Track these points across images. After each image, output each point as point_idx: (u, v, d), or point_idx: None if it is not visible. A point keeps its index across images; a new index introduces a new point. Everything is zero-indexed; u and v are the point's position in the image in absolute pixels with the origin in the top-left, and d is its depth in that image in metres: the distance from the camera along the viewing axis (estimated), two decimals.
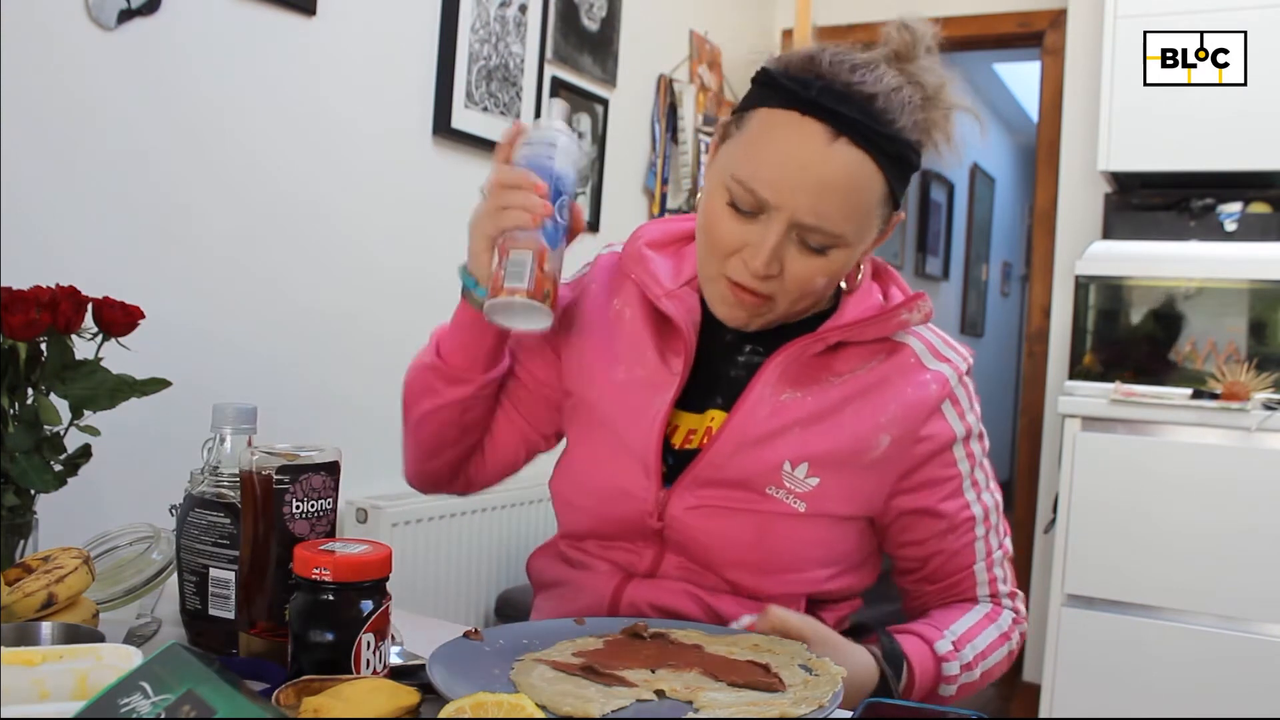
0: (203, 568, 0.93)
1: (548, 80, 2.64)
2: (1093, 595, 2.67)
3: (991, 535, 1.11)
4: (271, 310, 1.97)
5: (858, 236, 0.97)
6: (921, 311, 1.07)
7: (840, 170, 0.93)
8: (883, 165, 0.94)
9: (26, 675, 0.69)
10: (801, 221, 0.94)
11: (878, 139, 0.93)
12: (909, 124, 0.95)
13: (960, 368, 1.08)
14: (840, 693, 0.80)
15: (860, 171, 0.94)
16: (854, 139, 0.93)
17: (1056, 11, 3.44)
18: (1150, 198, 3.04)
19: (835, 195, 0.93)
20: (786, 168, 0.93)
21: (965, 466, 1.08)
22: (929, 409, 1.04)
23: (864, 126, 0.92)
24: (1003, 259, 7.19)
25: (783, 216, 0.94)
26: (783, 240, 0.95)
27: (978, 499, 1.09)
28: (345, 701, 0.69)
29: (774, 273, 0.96)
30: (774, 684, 0.81)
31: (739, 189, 0.95)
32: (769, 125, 0.96)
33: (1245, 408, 2.50)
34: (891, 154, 0.94)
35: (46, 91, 1.58)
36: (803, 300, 1.01)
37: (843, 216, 0.94)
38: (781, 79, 0.96)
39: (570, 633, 0.95)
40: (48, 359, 1.04)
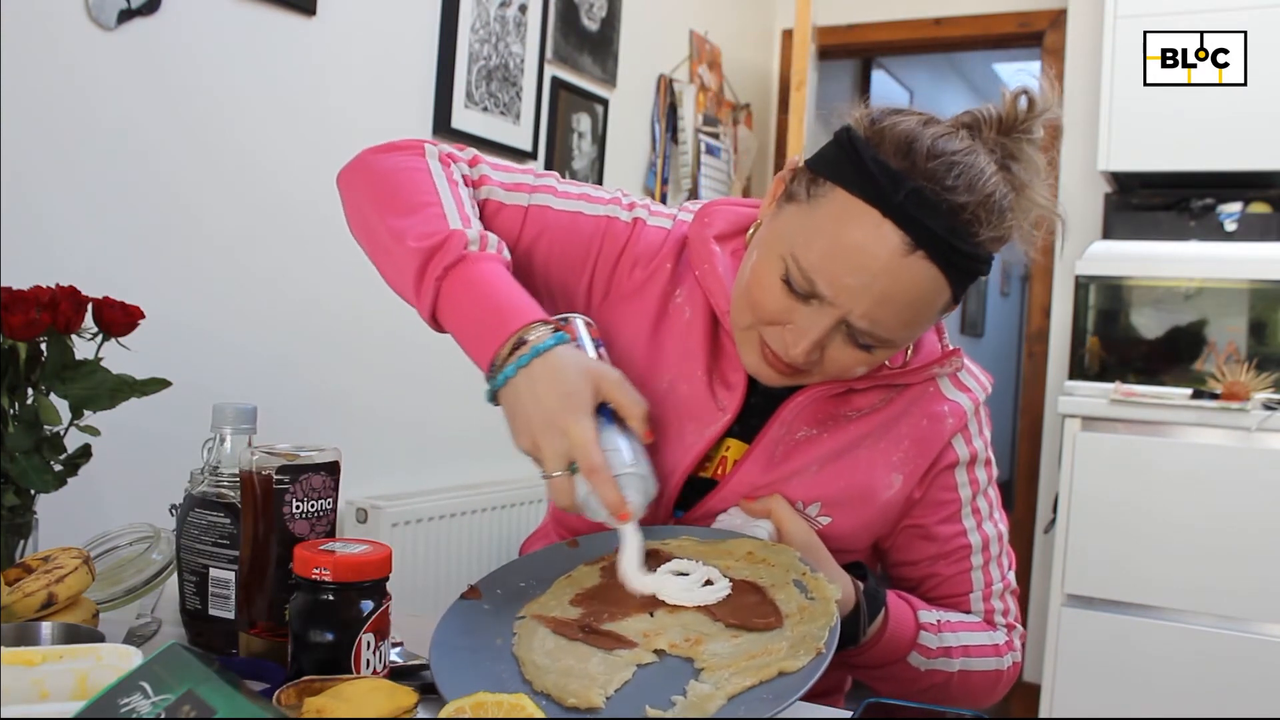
0: (203, 568, 0.93)
1: (548, 80, 2.64)
2: (1093, 595, 2.67)
3: (992, 566, 1.08)
4: (271, 310, 1.97)
5: (909, 340, 0.95)
6: (952, 367, 1.05)
7: (909, 285, 0.86)
8: (953, 280, 0.88)
9: (26, 675, 0.69)
10: (854, 324, 0.88)
11: (956, 256, 0.87)
12: (992, 236, 0.89)
13: (978, 398, 1.06)
14: (837, 627, 0.79)
15: (930, 286, 0.87)
16: (932, 254, 0.86)
17: (1056, 11, 3.44)
18: (1150, 198, 3.04)
19: (898, 307, 0.88)
20: (853, 270, 0.86)
21: (966, 493, 1.05)
22: (941, 443, 1.03)
23: (944, 245, 0.86)
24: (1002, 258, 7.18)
25: (836, 313, 0.88)
26: (829, 334, 0.90)
27: (977, 527, 1.06)
28: (345, 702, 0.69)
29: (813, 359, 0.92)
30: (770, 620, 0.81)
31: (796, 271, 0.88)
32: (843, 214, 0.87)
33: (1245, 408, 2.50)
34: (965, 269, 0.88)
35: (46, 91, 1.57)
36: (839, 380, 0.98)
37: (900, 326, 0.89)
38: (870, 164, 0.87)
39: (565, 560, 0.94)
40: (48, 359, 1.04)
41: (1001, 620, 1.09)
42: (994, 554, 1.08)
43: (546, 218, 1.04)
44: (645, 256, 1.05)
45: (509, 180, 1.05)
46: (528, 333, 0.87)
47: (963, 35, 3.59)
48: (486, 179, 1.05)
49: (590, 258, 1.04)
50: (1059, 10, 3.42)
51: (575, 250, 1.04)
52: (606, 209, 1.06)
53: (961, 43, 3.70)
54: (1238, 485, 2.52)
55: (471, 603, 0.89)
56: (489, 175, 1.05)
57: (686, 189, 3.22)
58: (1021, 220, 0.93)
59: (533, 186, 1.05)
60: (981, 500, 1.07)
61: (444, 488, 2.32)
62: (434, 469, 2.36)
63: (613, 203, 1.07)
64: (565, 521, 1.16)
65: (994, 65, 5.82)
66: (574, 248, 1.04)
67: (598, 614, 0.85)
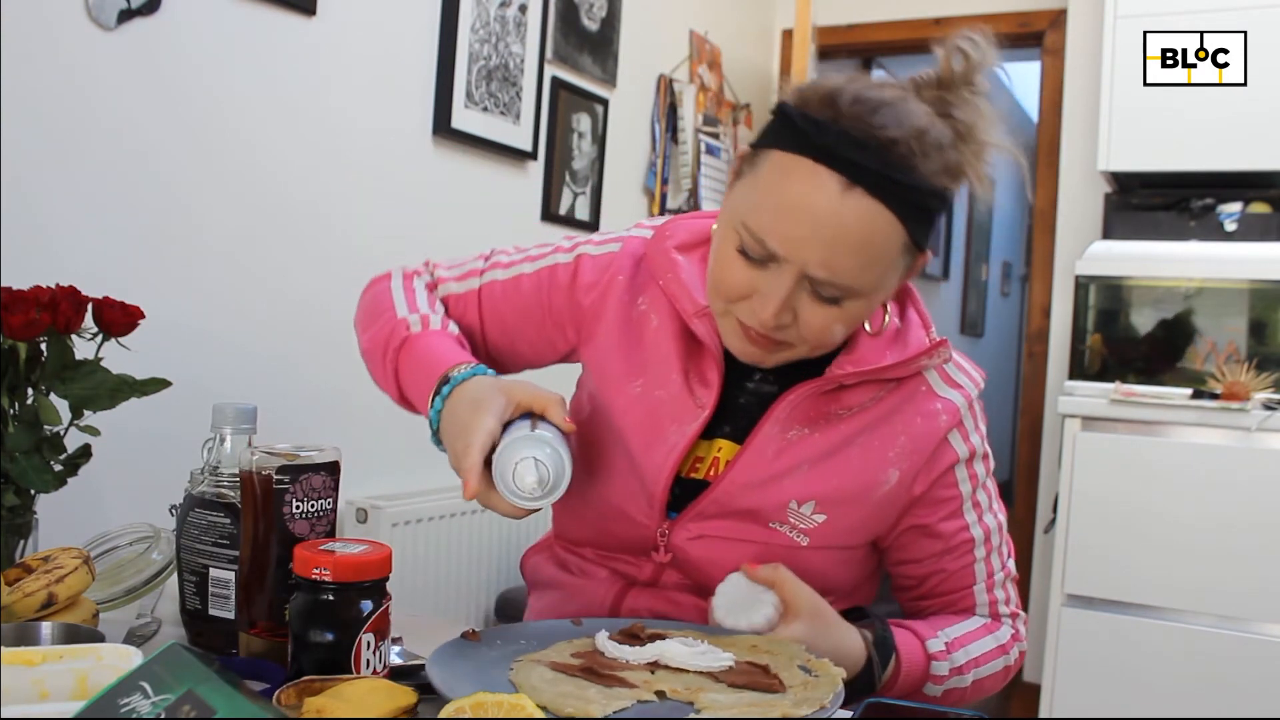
0: (203, 568, 0.93)
1: (548, 80, 2.64)
2: (1092, 595, 2.67)
3: (994, 557, 1.08)
4: (271, 310, 1.97)
5: (875, 286, 0.93)
6: (940, 358, 1.05)
7: (854, 224, 0.87)
8: (902, 215, 0.88)
9: (26, 675, 0.69)
10: (812, 275, 0.89)
11: (897, 189, 0.87)
12: (934, 169, 0.90)
13: (971, 394, 1.06)
14: (841, 694, 0.80)
15: (876, 224, 0.88)
16: (870, 189, 0.87)
17: (1056, 11, 3.44)
18: (1150, 198, 3.04)
19: (849, 249, 0.88)
20: (797, 220, 0.88)
21: (966, 488, 1.06)
22: (937, 439, 1.03)
23: (882, 176, 0.87)
24: (1003, 259, 7.18)
25: (793, 269, 0.89)
26: (793, 291, 0.91)
27: (978, 521, 1.07)
28: (345, 702, 0.69)
29: (785, 323, 0.93)
30: (774, 685, 0.81)
31: (748, 237, 0.91)
32: (781, 172, 0.90)
33: (1245, 408, 2.50)
34: (912, 202, 0.88)
35: (46, 91, 1.57)
36: (822, 348, 0.97)
37: (857, 270, 0.89)
38: (797, 120, 0.90)
39: (568, 634, 0.95)
40: (48, 359, 1.04)
41: (1005, 610, 1.10)
42: (995, 545, 1.08)
43: (495, 291, 1.12)
44: (595, 279, 1.09)
45: (460, 272, 1.15)
46: (450, 372, 0.96)
47: None
48: (442, 279, 1.15)
49: (543, 308, 1.10)
50: (1059, 10, 3.42)
51: (528, 308, 1.11)
52: (547, 259, 1.12)
53: None
54: (1238, 485, 2.52)
55: (471, 643, 0.89)
56: (443, 275, 1.15)
57: (686, 189, 3.22)
58: (973, 160, 0.94)
59: (481, 270, 1.14)
60: (981, 493, 1.07)
61: (444, 488, 2.32)
62: (434, 469, 2.36)
63: (554, 252, 1.12)
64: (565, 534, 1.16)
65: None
66: (526, 307, 1.11)
67: (599, 664, 0.85)
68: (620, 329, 1.07)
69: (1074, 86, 3.33)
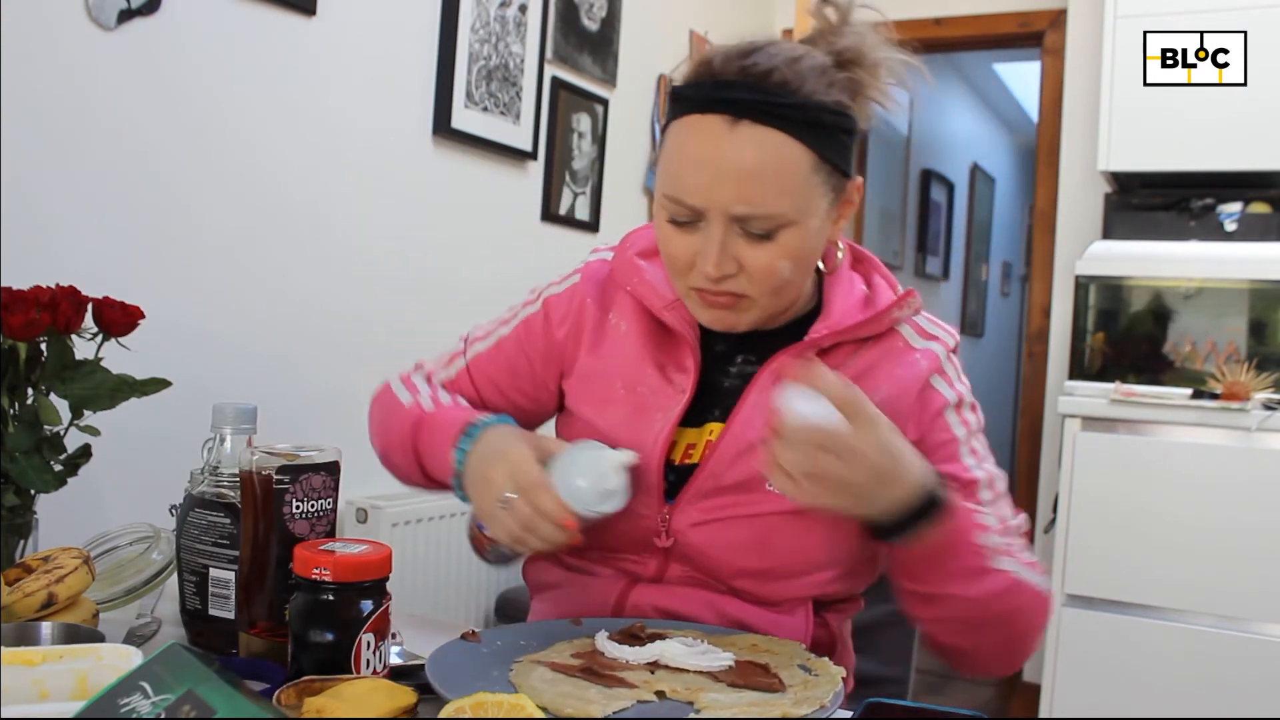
0: (203, 568, 0.93)
1: (548, 80, 2.64)
2: (1093, 595, 2.67)
3: (1001, 505, 1.05)
4: (271, 310, 1.97)
5: (801, 211, 0.95)
6: (912, 308, 1.07)
7: (750, 152, 0.92)
8: (797, 134, 0.93)
9: (26, 675, 0.69)
10: (734, 213, 0.93)
11: (781, 110, 0.92)
12: (819, 87, 0.94)
13: (948, 344, 1.07)
14: (841, 694, 0.80)
15: (772, 147, 0.92)
16: (756, 118, 0.92)
17: (1056, 11, 3.44)
18: (1150, 198, 3.04)
19: (755, 178, 0.92)
20: (700, 168, 0.94)
21: (961, 432, 1.05)
22: (920, 383, 1.04)
23: (762, 104, 0.92)
24: (1003, 259, 7.18)
25: (715, 215, 0.94)
26: (725, 237, 0.94)
27: (978, 465, 1.05)
28: (345, 702, 0.69)
29: (730, 271, 0.96)
30: (774, 684, 0.81)
31: (671, 204, 0.96)
32: (678, 135, 0.96)
33: (1245, 408, 2.50)
34: (803, 121, 0.93)
35: (46, 91, 1.58)
36: (779, 292, 0.99)
37: (773, 196, 0.93)
38: (681, 90, 0.97)
39: (568, 634, 0.95)
40: (48, 359, 1.04)
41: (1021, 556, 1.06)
42: (1000, 491, 1.06)
43: (482, 362, 1.17)
44: (564, 312, 1.13)
45: (445, 358, 1.20)
46: (474, 419, 1.02)
47: (963, 35, 3.59)
48: (433, 372, 1.19)
49: (528, 359, 1.14)
50: (1059, 10, 3.42)
51: (515, 365, 1.15)
52: (520, 316, 1.17)
53: (962, 43, 3.69)
54: (1238, 485, 2.52)
55: (471, 643, 0.89)
56: (432, 369, 1.20)
57: None
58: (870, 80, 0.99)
59: (463, 350, 1.19)
60: (975, 441, 1.06)
61: None
62: None
63: (523, 307, 1.18)
64: None
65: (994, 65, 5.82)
66: (513, 365, 1.15)
67: (599, 665, 0.85)
68: (595, 346, 1.11)
69: (1074, 86, 3.32)
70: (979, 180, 6.43)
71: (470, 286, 2.45)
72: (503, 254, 2.56)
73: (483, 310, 2.55)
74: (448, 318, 2.40)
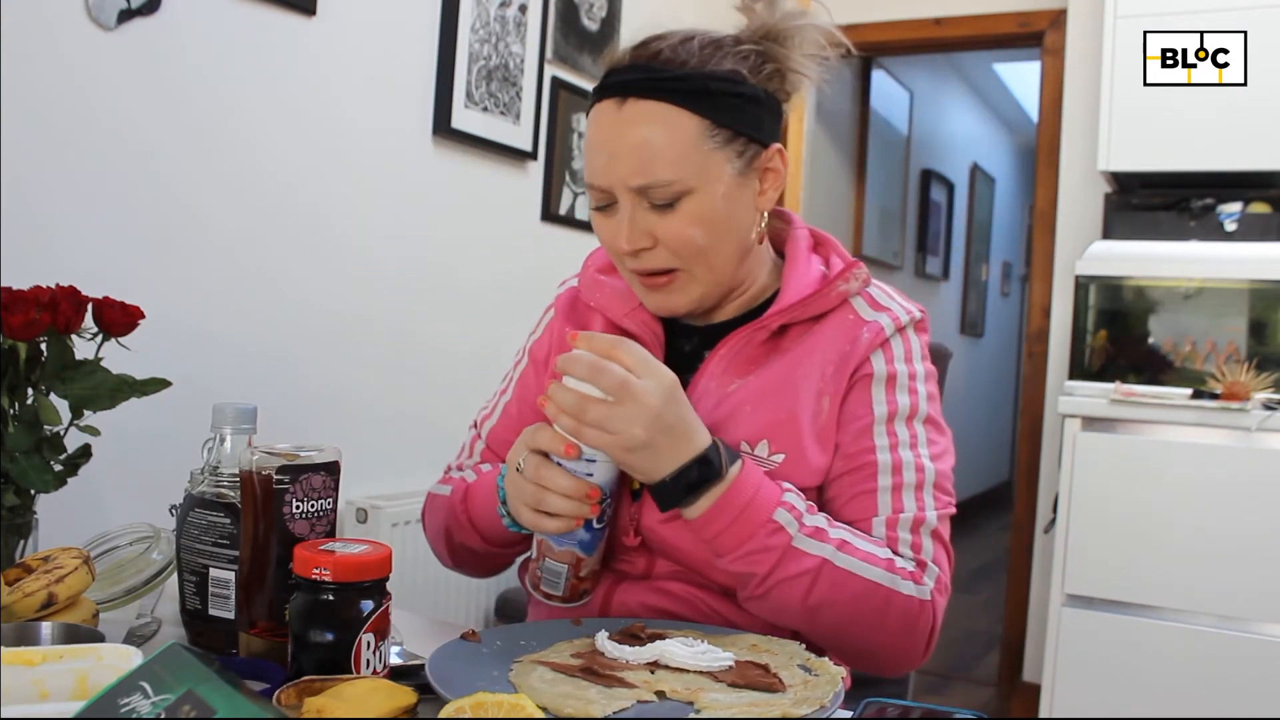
0: (203, 568, 0.93)
1: (548, 80, 2.64)
2: (1093, 595, 2.67)
3: (905, 494, 1.00)
4: (271, 310, 1.97)
5: (700, 177, 0.97)
6: (859, 279, 1.07)
7: (637, 126, 0.96)
8: (683, 103, 0.96)
9: (26, 675, 0.69)
10: (633, 185, 0.97)
11: (663, 83, 0.96)
12: (708, 59, 0.98)
13: (900, 319, 1.06)
14: (841, 694, 0.80)
15: (656, 119, 0.96)
16: (640, 94, 0.97)
17: (1056, 11, 3.44)
18: (1150, 198, 3.04)
19: (643, 149, 0.96)
20: (599, 150, 0.99)
21: (881, 410, 1.03)
22: (857, 354, 1.04)
23: (645, 81, 0.97)
24: (1003, 259, 7.19)
25: (619, 192, 0.98)
26: (634, 212, 0.98)
27: (890, 448, 1.01)
28: (345, 702, 0.69)
29: (646, 244, 0.99)
30: (774, 684, 0.81)
31: (590, 191, 1.01)
32: (587, 126, 1.02)
33: (1245, 408, 2.50)
34: (688, 90, 0.96)
35: (46, 91, 1.57)
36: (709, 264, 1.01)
37: (666, 165, 0.96)
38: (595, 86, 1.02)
39: (568, 634, 0.95)
40: (48, 359, 1.04)
41: (908, 552, 0.99)
42: (908, 481, 1.01)
43: (496, 433, 1.19)
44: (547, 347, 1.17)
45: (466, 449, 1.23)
46: None
47: (963, 35, 3.59)
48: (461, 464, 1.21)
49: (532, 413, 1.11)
50: (1059, 10, 3.42)
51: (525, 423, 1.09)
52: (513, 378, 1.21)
53: (962, 43, 3.70)
54: (1238, 485, 2.52)
55: (470, 644, 0.89)
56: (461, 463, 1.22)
57: None
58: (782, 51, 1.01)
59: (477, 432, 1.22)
60: (901, 427, 1.03)
61: None
62: (434, 469, 2.36)
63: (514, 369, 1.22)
64: None
65: (994, 65, 5.83)
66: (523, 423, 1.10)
67: (599, 665, 0.85)
68: None
69: (1074, 86, 3.32)
70: (979, 180, 6.44)
71: (470, 286, 2.45)
72: (503, 254, 2.56)
73: (482, 310, 2.56)
74: (448, 318, 2.41)
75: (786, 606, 0.96)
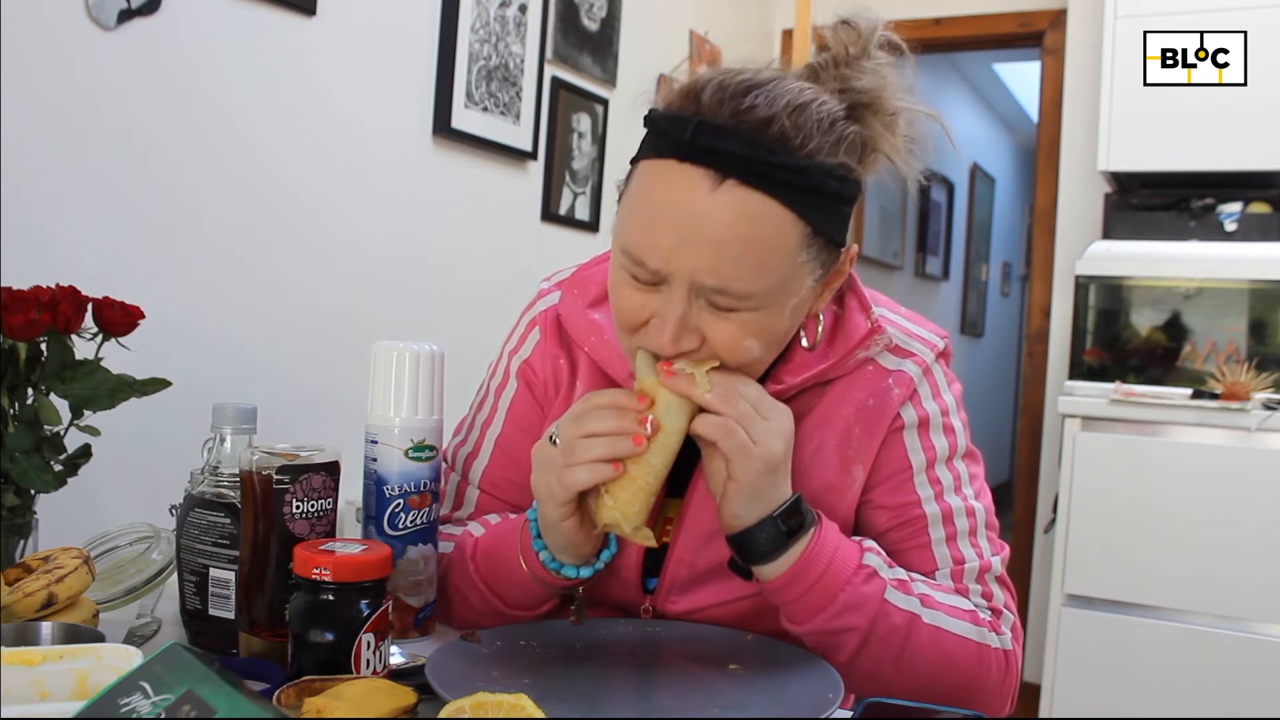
0: (203, 568, 0.92)
1: (548, 80, 2.64)
2: (1092, 595, 2.67)
3: (962, 542, 0.94)
4: (272, 310, 1.97)
5: (779, 290, 0.81)
6: (879, 345, 0.94)
7: (733, 220, 0.77)
8: (789, 202, 0.78)
9: (26, 675, 0.69)
10: (705, 284, 0.79)
11: (776, 172, 0.77)
12: (824, 145, 0.80)
13: (926, 359, 0.96)
14: (840, 693, 0.79)
15: (758, 217, 0.78)
16: (744, 179, 0.77)
17: (1056, 11, 3.44)
18: (1150, 198, 3.04)
19: (734, 250, 0.78)
20: (669, 228, 0.79)
21: (918, 459, 0.94)
22: (890, 413, 0.94)
23: (754, 162, 0.77)
24: (1003, 259, 7.19)
25: (681, 283, 0.80)
26: (688, 309, 0.81)
27: (935, 497, 0.94)
28: (344, 702, 0.69)
29: (690, 346, 0.82)
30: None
31: (629, 262, 0.82)
32: (648, 181, 0.82)
33: (1245, 408, 2.50)
34: (801, 187, 0.78)
35: (46, 91, 1.57)
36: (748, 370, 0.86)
37: (751, 274, 0.79)
38: (660, 122, 0.82)
39: (568, 633, 0.95)
40: (48, 359, 1.04)
41: (981, 602, 0.93)
42: (961, 529, 0.94)
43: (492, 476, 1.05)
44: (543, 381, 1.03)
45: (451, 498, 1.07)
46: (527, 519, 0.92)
47: (963, 35, 3.59)
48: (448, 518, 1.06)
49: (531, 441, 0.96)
50: (1059, 10, 3.42)
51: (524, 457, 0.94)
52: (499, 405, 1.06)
53: (962, 43, 3.69)
54: (1237, 485, 2.52)
55: (470, 644, 0.89)
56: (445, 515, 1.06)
57: None
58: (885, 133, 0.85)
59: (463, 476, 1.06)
60: (943, 471, 0.95)
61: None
62: None
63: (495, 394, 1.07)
64: None
65: (994, 65, 5.82)
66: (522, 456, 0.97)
67: None
68: None
69: (1074, 86, 3.32)
70: (979, 180, 6.43)
71: (470, 286, 2.45)
72: (503, 254, 2.56)
73: (481, 310, 2.56)
74: (447, 317, 2.41)
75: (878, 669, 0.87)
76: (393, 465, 0.90)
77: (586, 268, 1.04)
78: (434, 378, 0.92)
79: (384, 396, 0.90)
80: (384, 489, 0.90)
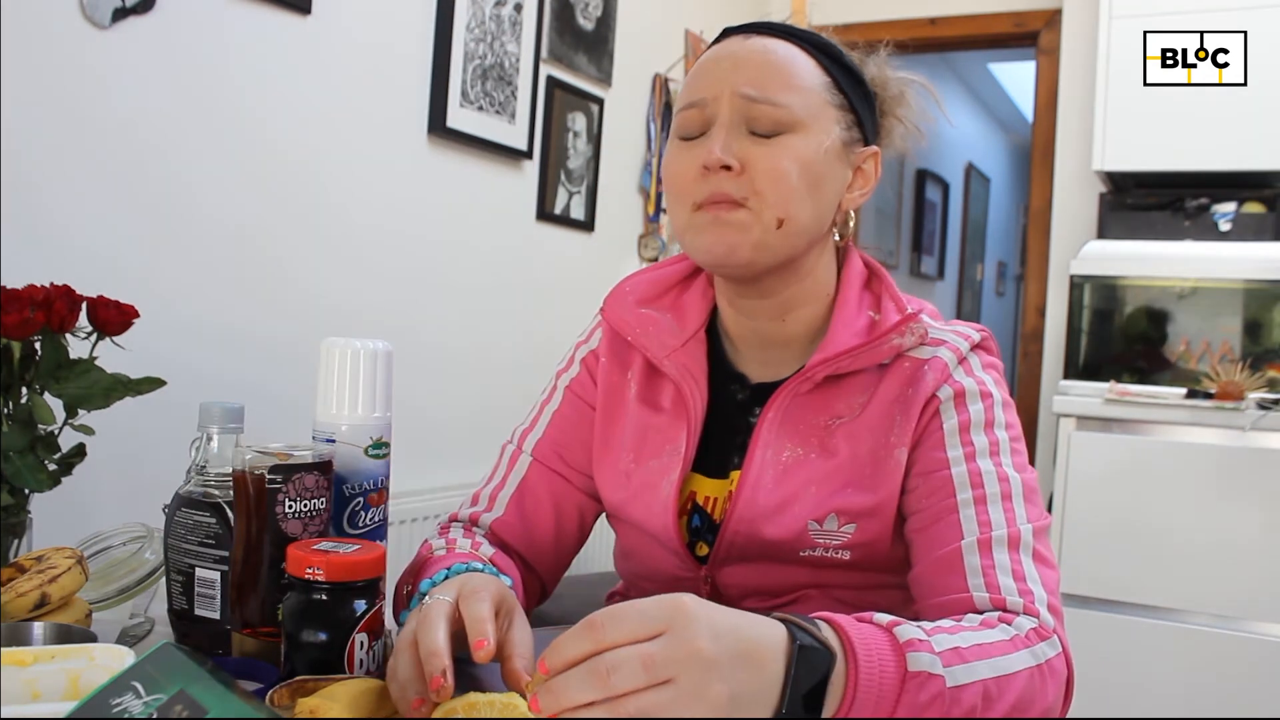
0: (189, 567, 0.92)
1: (543, 79, 2.64)
2: (1088, 595, 2.68)
3: (992, 507, 0.89)
4: (267, 309, 1.97)
5: (809, 115, 0.94)
6: (915, 335, 0.98)
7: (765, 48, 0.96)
8: (812, 53, 0.97)
9: (18, 676, 0.69)
10: (745, 93, 0.93)
11: (804, 34, 0.98)
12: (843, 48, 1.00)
13: (961, 347, 0.99)
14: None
15: (786, 51, 0.96)
16: (772, 33, 0.97)
17: (1051, 11, 3.44)
18: (1145, 197, 3.04)
19: (767, 63, 0.95)
20: (717, 61, 0.97)
21: (951, 423, 0.95)
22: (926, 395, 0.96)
23: (779, 27, 0.98)
24: (998, 258, 7.20)
25: (724, 103, 0.94)
26: (731, 131, 0.93)
27: (965, 458, 0.92)
28: (338, 702, 0.69)
29: (734, 164, 0.92)
30: None
31: (682, 116, 0.97)
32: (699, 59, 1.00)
33: (1239, 407, 2.51)
34: (822, 47, 0.97)
35: (40, 90, 1.57)
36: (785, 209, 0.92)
37: (785, 86, 0.94)
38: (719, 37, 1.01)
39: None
40: (42, 358, 1.04)
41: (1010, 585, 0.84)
42: (991, 493, 0.89)
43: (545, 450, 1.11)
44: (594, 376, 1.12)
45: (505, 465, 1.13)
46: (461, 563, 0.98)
47: (958, 35, 3.59)
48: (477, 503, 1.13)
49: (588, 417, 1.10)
50: (1054, 10, 3.43)
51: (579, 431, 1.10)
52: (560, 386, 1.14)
53: (957, 42, 3.70)
54: (1233, 484, 2.53)
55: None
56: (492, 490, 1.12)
57: None
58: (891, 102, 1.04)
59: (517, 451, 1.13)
60: (978, 435, 0.94)
61: (442, 487, 2.32)
62: (429, 468, 2.36)
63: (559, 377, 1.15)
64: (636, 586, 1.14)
65: (989, 65, 5.83)
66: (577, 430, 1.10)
67: None
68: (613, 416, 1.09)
69: (1069, 86, 3.33)
70: (974, 180, 6.44)
71: (466, 285, 2.45)
72: (498, 253, 2.56)
73: (476, 309, 2.55)
74: (442, 316, 2.41)
75: None
76: (352, 464, 0.91)
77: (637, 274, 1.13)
78: (389, 375, 0.94)
79: (340, 395, 0.91)
80: (343, 487, 0.90)
